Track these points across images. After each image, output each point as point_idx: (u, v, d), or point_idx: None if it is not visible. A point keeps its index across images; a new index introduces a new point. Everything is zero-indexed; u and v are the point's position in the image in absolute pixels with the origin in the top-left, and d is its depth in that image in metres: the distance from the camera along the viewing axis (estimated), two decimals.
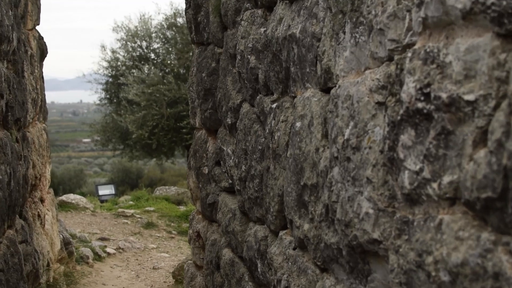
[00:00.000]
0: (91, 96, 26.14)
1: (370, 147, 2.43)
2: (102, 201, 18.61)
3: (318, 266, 3.21)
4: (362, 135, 2.50)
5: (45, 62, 8.53)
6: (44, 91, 8.36)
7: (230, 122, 5.29)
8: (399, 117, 2.17)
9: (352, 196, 2.57)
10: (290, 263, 3.63)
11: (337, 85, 2.87)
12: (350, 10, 2.72)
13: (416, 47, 2.10)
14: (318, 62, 3.20)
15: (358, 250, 2.57)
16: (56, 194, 25.17)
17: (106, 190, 20.80)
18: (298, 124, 3.42)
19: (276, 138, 3.89)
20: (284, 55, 3.78)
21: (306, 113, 3.32)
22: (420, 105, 2.00)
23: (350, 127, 2.62)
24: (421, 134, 2.02)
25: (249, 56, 4.59)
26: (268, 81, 4.22)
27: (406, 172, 2.11)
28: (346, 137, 2.65)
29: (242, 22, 4.84)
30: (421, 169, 2.01)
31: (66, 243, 9.25)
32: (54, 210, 8.65)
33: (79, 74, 27.64)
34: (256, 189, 4.44)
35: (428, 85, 1.95)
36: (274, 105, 4.06)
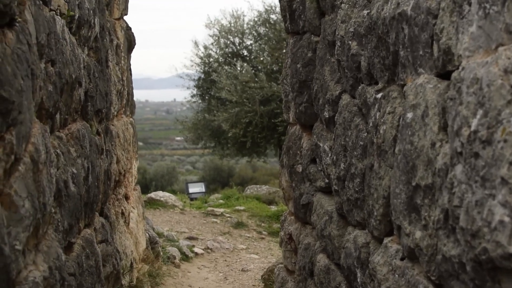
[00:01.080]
0: (183, 92, 26.17)
1: (505, 140, 1.95)
2: (192, 199, 18.50)
3: (432, 281, 2.73)
4: (494, 126, 2.02)
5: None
6: (131, 84, 8.07)
7: (327, 116, 4.85)
8: None
9: (481, 200, 2.10)
10: (397, 276, 3.16)
11: (460, 68, 2.40)
12: None
13: None
14: (434, 42, 2.73)
15: (488, 266, 2.09)
16: (148, 191, 25.33)
17: (196, 188, 20.65)
18: (409, 115, 2.95)
19: (381, 132, 3.43)
20: (391, 38, 3.32)
21: (419, 102, 2.85)
22: None
23: (478, 117, 2.14)
24: None
25: (350, 42, 4.14)
26: (371, 68, 3.76)
27: None
28: (473, 128, 2.17)
29: (343, 5, 4.40)
30: None
31: (152, 242, 8.96)
32: (141, 208, 8.36)
33: (172, 73, 27.77)
34: (357, 189, 3.99)
35: None
36: (379, 95, 3.60)
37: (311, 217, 5.33)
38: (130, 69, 8.13)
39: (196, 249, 10.99)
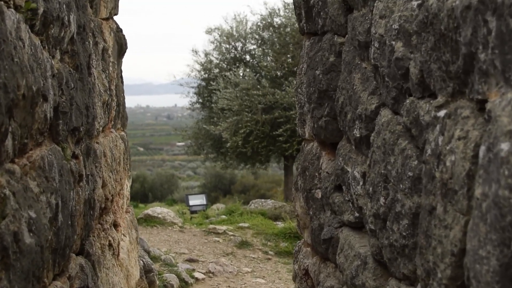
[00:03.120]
0: (183, 99, 25.50)
1: None
2: (192, 212, 17.79)
3: None
4: None
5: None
6: (123, 93, 7.09)
7: (358, 135, 3.90)
8: None
9: None
10: None
11: None
12: None
13: None
14: None
15: None
16: (147, 200, 24.55)
17: (197, 200, 19.72)
18: (504, 146, 2.01)
19: (448, 164, 2.50)
20: (464, 35, 2.39)
21: None
22: None
23: None
24: None
25: (393, 42, 3.21)
26: (427, 76, 2.83)
27: None
28: None
29: None
30: None
31: (147, 271, 7.98)
32: (134, 233, 7.37)
33: (173, 79, 27.16)
34: (404, 234, 3.05)
35: None
36: (440, 113, 2.66)
37: (337, 257, 4.37)
38: (122, 76, 7.17)
39: (196, 274, 10.00)
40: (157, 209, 14.36)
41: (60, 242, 3.54)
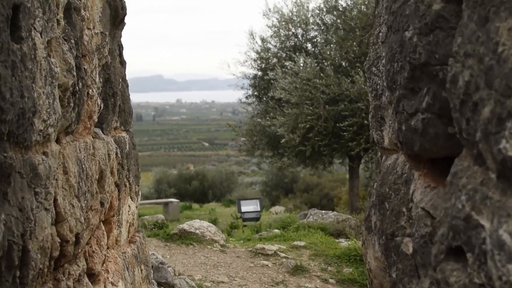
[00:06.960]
0: (237, 92, 23.67)
1: None
2: (244, 220, 16.13)
3: None
4: None
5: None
6: (122, 79, 4.96)
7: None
8: None
9: None
10: None
11: None
12: None
13: None
14: None
15: None
16: (206, 198, 23.21)
17: (250, 206, 17.96)
18: None
19: None
20: None
21: None
22: None
23: None
24: None
25: None
26: None
27: None
28: None
29: None
30: None
31: None
32: (138, 273, 5.23)
33: (238, 75, 25.41)
34: None
35: None
36: None
37: None
38: (121, 55, 5.13)
39: None
40: (195, 223, 12.26)
41: None
